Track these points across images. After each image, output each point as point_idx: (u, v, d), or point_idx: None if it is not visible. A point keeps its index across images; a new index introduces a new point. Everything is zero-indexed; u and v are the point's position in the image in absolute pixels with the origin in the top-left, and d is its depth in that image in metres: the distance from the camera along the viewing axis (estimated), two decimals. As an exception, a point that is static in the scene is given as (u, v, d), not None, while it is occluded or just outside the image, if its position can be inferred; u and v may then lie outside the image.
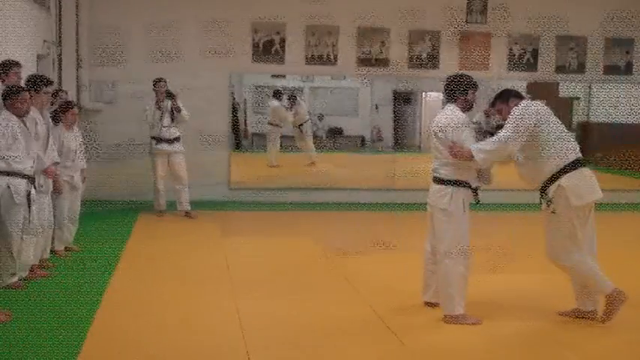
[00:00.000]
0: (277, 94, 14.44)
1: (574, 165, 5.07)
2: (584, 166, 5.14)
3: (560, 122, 5.18)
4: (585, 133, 15.48)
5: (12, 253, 5.81)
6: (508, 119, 5.06)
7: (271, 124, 14.11)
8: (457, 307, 5.13)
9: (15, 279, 5.90)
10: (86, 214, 7.84)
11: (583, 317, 5.27)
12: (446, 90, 5.32)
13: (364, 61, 10.92)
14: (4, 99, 5.79)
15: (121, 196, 10.38)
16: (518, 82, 13.14)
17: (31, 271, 6.19)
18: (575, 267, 5.11)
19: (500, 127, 5.22)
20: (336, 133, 20.34)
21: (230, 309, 5.46)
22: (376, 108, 20.06)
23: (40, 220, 6.27)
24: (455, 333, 5.00)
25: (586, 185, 5.10)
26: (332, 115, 20.25)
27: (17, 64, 6.28)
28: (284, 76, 16.28)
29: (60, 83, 9.80)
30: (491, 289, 6.04)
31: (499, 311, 5.50)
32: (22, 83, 6.21)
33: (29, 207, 5.88)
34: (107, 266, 6.67)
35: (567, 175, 5.03)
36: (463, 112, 5.22)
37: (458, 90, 5.24)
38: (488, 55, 11.10)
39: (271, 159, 13.97)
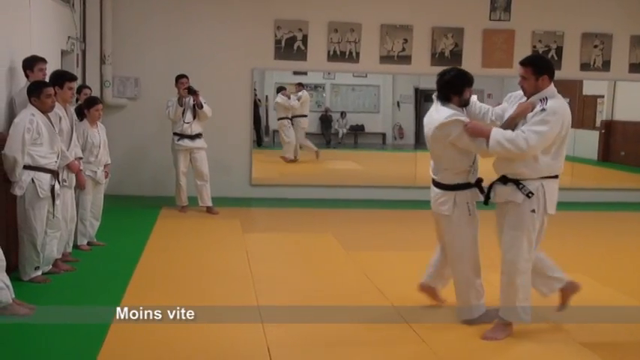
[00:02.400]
0: (280, 90, 14.48)
1: (556, 174, 4.79)
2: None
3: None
4: (609, 132, 15.34)
5: (36, 247, 5.88)
6: (542, 121, 4.57)
7: (282, 118, 14.14)
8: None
9: (38, 273, 5.97)
10: (109, 209, 7.89)
11: (567, 295, 5.12)
12: (440, 89, 4.92)
13: (386, 59, 10.89)
14: (29, 94, 5.85)
15: (143, 192, 10.46)
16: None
17: (54, 265, 6.25)
18: (514, 271, 4.77)
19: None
20: (357, 130, 20.36)
21: (251, 304, 5.48)
22: (398, 105, 20.02)
23: (64, 214, 6.33)
24: (478, 332, 4.96)
25: (555, 196, 4.80)
26: (353, 113, 20.25)
27: (43, 60, 6.34)
28: (306, 73, 16.24)
29: (83, 79, 9.87)
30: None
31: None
32: (47, 79, 6.28)
33: (53, 201, 5.95)
34: (129, 261, 6.70)
35: (548, 180, 4.73)
36: (459, 108, 4.93)
37: (453, 90, 4.87)
38: (512, 53, 11.00)
39: (291, 152, 13.96)
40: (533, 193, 4.68)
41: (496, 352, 4.67)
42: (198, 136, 9.39)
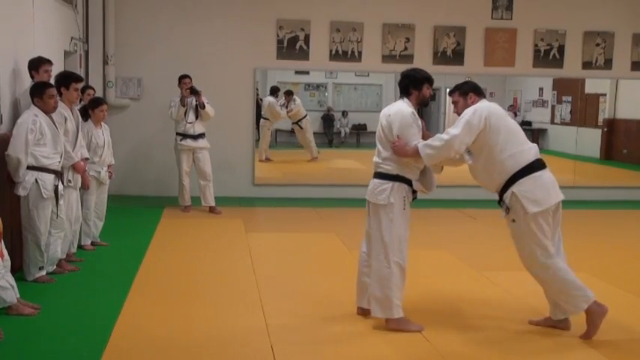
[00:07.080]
0: (273, 91, 14.48)
1: (528, 169, 4.80)
2: (541, 168, 4.84)
3: (516, 125, 5.02)
4: (611, 130, 15.32)
5: (40, 247, 5.90)
6: (460, 117, 4.88)
7: (264, 118, 14.16)
8: (396, 310, 4.92)
9: (43, 273, 5.99)
10: (113, 209, 7.91)
11: (554, 327, 5.03)
12: (400, 84, 5.10)
13: (389, 58, 10.90)
14: (32, 95, 5.87)
15: (146, 192, 10.49)
16: (543, 78, 13.06)
17: (58, 265, 6.28)
18: (549, 276, 4.84)
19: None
20: (359, 129, 20.37)
21: (254, 304, 5.49)
22: (400, 104, 20.02)
23: (68, 215, 6.36)
24: (481, 332, 4.98)
25: (542, 189, 4.79)
26: (356, 112, 20.26)
27: (49, 61, 6.37)
28: (308, 73, 16.23)
29: (87, 80, 9.88)
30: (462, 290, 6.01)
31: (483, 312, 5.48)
32: (52, 80, 6.30)
33: (57, 202, 5.97)
34: (133, 261, 6.73)
35: (520, 180, 4.78)
36: (418, 107, 5.05)
37: (412, 84, 5.02)
38: (514, 51, 11.02)
39: (261, 152, 13.98)
40: (510, 209, 4.84)
41: (500, 351, 4.68)
42: (200, 136, 9.42)
